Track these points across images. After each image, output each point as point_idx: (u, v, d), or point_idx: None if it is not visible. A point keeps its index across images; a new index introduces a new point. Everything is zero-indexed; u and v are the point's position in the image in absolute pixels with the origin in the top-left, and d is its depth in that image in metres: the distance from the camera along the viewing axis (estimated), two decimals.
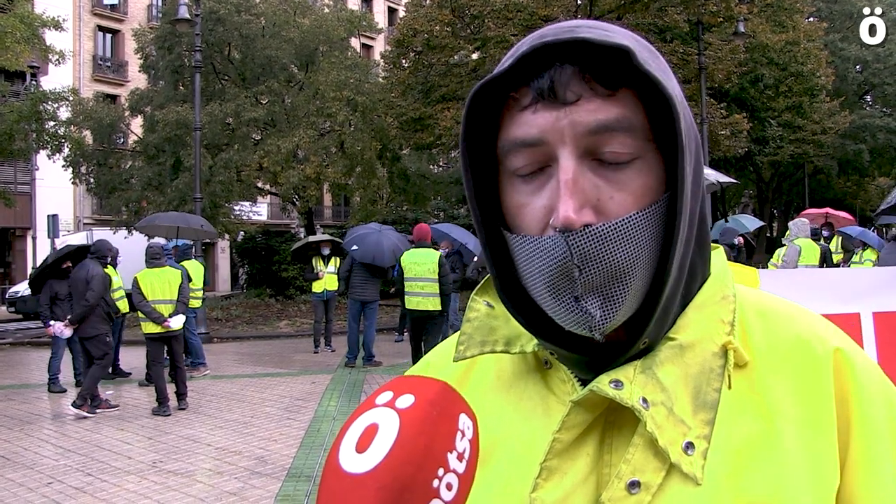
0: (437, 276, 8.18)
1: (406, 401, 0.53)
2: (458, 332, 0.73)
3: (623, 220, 0.58)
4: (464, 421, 0.55)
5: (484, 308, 0.72)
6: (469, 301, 0.73)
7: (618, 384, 0.61)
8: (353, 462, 0.51)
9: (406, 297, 8.27)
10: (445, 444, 0.53)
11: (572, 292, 0.59)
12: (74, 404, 7.65)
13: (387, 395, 0.54)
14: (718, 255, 0.71)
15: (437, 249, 8.67)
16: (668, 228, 0.61)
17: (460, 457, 0.53)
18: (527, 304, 0.66)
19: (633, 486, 0.60)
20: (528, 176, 0.61)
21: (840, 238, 11.08)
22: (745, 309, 0.68)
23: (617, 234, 0.58)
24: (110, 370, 10.28)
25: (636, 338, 0.63)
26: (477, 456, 0.55)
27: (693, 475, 0.59)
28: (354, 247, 9.95)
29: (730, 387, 0.63)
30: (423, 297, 8.19)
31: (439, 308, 8.18)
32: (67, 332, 8.15)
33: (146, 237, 14.75)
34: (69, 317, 8.04)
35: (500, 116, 0.63)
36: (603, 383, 0.61)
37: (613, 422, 0.64)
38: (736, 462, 0.60)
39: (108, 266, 10.17)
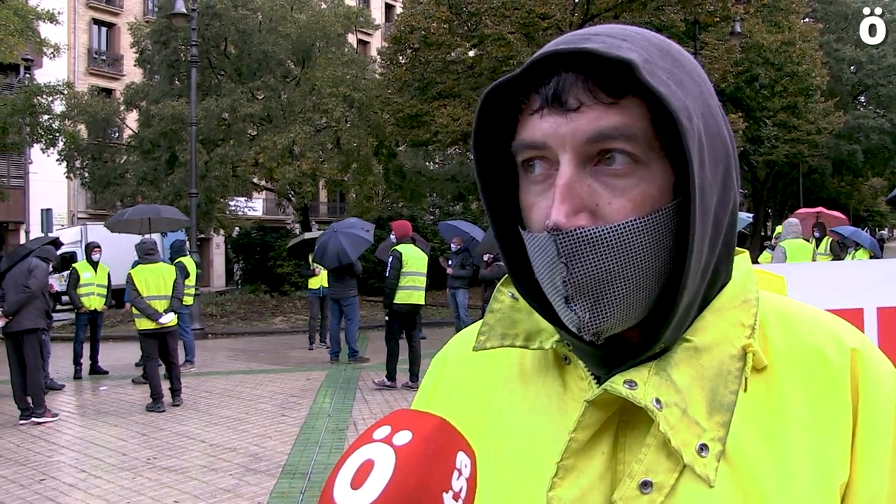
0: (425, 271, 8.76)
1: (403, 437, 0.53)
2: (480, 322, 0.74)
3: (615, 225, 0.58)
4: (461, 459, 0.55)
5: (508, 300, 0.73)
6: (495, 291, 0.74)
7: (632, 384, 0.61)
8: (348, 498, 0.50)
9: (401, 291, 8.47)
10: (442, 483, 0.52)
11: (563, 293, 0.60)
12: (36, 415, 7.20)
13: (384, 430, 0.54)
14: (743, 259, 0.71)
15: (425, 245, 9.50)
16: (682, 235, 0.61)
17: (456, 496, 0.53)
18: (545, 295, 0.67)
19: (646, 485, 0.60)
20: (539, 177, 0.63)
21: (829, 241, 10.87)
22: (767, 313, 0.68)
23: (608, 238, 0.58)
24: (89, 369, 10.13)
25: (652, 338, 0.63)
26: (474, 494, 0.55)
27: (706, 477, 0.60)
28: (317, 246, 10.53)
29: (745, 389, 0.63)
30: (420, 291, 8.67)
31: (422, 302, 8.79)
32: None
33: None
34: (2, 307, 7.25)
35: (517, 118, 0.65)
36: (617, 383, 0.61)
37: (628, 421, 0.64)
38: (749, 465, 0.60)
39: (84, 261, 10.09)
